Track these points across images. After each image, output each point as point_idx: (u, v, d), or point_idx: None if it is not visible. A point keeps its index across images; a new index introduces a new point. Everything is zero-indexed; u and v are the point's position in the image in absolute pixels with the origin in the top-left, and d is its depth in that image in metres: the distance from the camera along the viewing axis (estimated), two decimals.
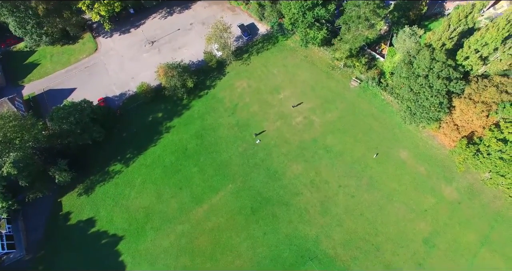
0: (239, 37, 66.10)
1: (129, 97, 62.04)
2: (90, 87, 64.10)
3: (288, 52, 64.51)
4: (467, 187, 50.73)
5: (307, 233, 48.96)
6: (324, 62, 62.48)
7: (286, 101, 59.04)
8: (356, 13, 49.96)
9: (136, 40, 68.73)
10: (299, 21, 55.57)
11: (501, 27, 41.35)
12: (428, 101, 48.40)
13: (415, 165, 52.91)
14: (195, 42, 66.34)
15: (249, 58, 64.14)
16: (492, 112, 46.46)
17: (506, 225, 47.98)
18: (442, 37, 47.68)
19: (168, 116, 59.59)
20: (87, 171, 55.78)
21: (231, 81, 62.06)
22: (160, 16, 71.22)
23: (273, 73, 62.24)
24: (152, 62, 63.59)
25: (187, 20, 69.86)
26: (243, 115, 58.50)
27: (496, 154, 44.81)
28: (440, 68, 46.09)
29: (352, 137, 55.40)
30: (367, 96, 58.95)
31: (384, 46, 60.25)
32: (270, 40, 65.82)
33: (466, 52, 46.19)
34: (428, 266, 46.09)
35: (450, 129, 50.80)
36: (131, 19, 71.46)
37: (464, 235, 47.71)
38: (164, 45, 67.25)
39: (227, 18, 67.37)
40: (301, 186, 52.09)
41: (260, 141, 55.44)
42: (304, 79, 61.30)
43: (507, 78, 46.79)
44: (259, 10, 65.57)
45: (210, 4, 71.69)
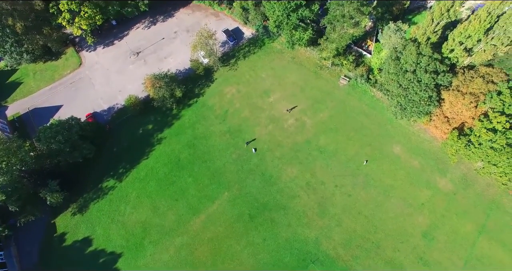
0: (224, 42, 65.63)
1: (118, 111, 61.03)
2: (77, 103, 62.85)
3: (275, 54, 64.28)
4: (461, 177, 51.19)
5: (307, 235, 48.74)
6: (312, 62, 62.42)
7: (276, 105, 58.73)
8: (340, 12, 49.98)
9: (120, 52, 67.66)
10: (284, 23, 55.35)
11: (482, 20, 41.77)
12: (418, 95, 48.65)
13: (409, 159, 53.16)
14: (180, 51, 65.60)
15: (236, 63, 63.73)
16: (480, 103, 47.08)
17: (501, 212, 48.60)
18: (427, 31, 48.04)
19: (159, 128, 58.80)
20: (79, 189, 54.63)
21: (220, 87, 61.57)
22: (143, 26, 70.37)
23: (261, 77, 61.93)
24: (139, 74, 62.73)
25: (171, 28, 69.11)
26: (234, 121, 58.02)
27: (487, 144, 45.24)
28: (427, 62, 46.47)
29: (345, 136, 55.42)
30: (356, 93, 59.04)
31: (370, 42, 60.41)
32: (256, 43, 65.52)
33: (451, 45, 46.72)
34: (429, 259, 46.40)
35: (440, 122, 51.25)
36: (114, 31, 70.36)
37: (461, 225, 48.13)
38: (150, 56, 66.37)
39: (211, 24, 67.03)
40: (297, 189, 51.86)
41: (255, 150, 54.98)
42: (293, 81, 61.12)
43: (492, 68, 47.43)
44: (243, 14, 65.21)
45: (194, 11, 71.11)
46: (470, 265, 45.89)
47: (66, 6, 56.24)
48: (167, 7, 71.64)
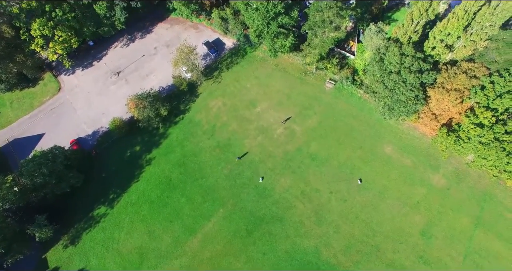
0: (206, 54, 64.60)
1: (103, 134, 59.62)
2: (59, 130, 61.18)
3: (258, 63, 63.53)
4: (453, 172, 51.39)
5: (306, 245, 48.24)
6: (296, 68, 61.84)
7: (264, 115, 58.04)
8: (320, 18, 49.62)
9: (100, 73, 66.08)
10: (265, 32, 54.66)
11: (460, 18, 41.97)
12: (404, 95, 48.57)
13: (400, 158, 53.09)
14: (162, 67, 64.31)
15: (220, 75, 62.80)
16: (465, 98, 47.32)
17: (494, 203, 48.82)
18: (408, 31, 48.15)
19: (147, 149, 57.63)
20: (70, 220, 53.13)
21: (205, 102, 60.55)
22: (121, 44, 68.80)
23: (246, 88, 61.12)
24: (121, 94, 61.56)
25: (150, 44, 67.69)
26: (223, 135, 57.10)
27: (475, 139, 45.43)
28: (410, 62, 46.60)
29: (335, 140, 55.05)
30: (343, 96, 58.71)
31: (352, 43, 60.05)
32: (238, 53, 64.66)
33: (432, 43, 47.00)
34: (429, 257, 46.43)
35: (429, 119, 51.33)
36: (92, 51, 68.65)
37: (457, 220, 48.28)
38: (131, 75, 65.00)
39: (191, 36, 66.19)
40: (292, 199, 51.30)
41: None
42: (278, 89, 60.47)
43: (473, 63, 47.74)
44: (223, 24, 64.31)
45: (172, 25, 69.78)
46: (469, 259, 45.97)
47: (39, 32, 54.68)
48: (144, 22, 70.33)
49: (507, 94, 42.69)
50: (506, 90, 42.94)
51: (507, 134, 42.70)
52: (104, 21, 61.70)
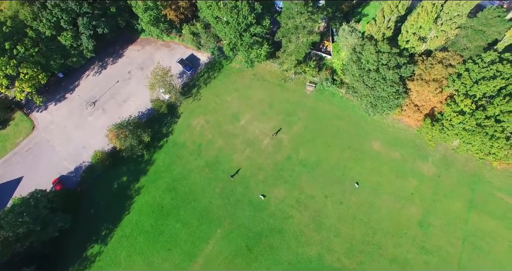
0: (182, 73, 63.15)
1: (86, 169, 57.43)
2: (39, 171, 58.49)
3: (236, 75, 62.56)
4: (441, 159, 51.99)
5: (309, 253, 47.70)
6: (274, 75, 61.10)
7: (248, 127, 57.11)
8: (292, 24, 49.19)
9: (75, 106, 63.72)
10: (238, 44, 53.81)
11: (429, 11, 42.51)
12: (385, 91, 48.71)
13: (389, 153, 53.29)
14: (139, 91, 62.44)
15: (198, 93, 61.48)
16: (444, 87, 48.02)
17: (484, 184, 49.72)
18: (381, 28, 48.49)
19: (134, 178, 55.78)
20: (63, 265, 50.69)
21: (187, 121, 59.08)
22: (93, 72, 66.54)
23: (227, 101, 60.09)
24: (100, 125, 59.57)
25: (123, 69, 65.73)
26: (210, 154, 55.87)
27: (458, 126, 45.98)
28: (387, 59, 46.94)
29: (323, 143, 54.74)
30: (325, 98, 58.46)
31: (327, 43, 59.76)
32: (214, 67, 63.50)
33: (406, 37, 47.51)
34: (430, 246, 46.85)
35: (412, 111, 51.76)
36: (63, 84, 66.04)
37: (451, 205, 48.91)
38: (107, 103, 62.92)
39: (164, 56, 64.76)
40: (288, 209, 50.68)
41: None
42: (259, 99, 59.65)
43: (447, 52, 48.43)
44: (195, 40, 62.97)
45: (143, 46, 68.05)
46: (468, 243, 46.68)
47: (1, 72, 52.23)
48: (114, 47, 68.35)
49: (483, 81, 43.37)
50: (481, 76, 43.58)
51: (488, 119, 43.47)
52: (71, 51, 59.58)
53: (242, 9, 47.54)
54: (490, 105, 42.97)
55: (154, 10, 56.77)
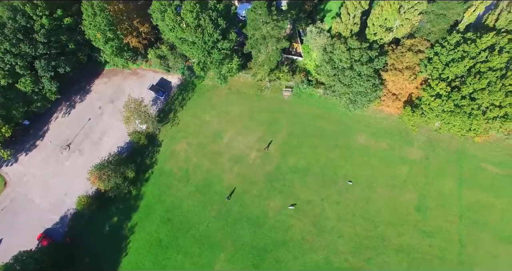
0: (155, 99, 61.30)
1: (73, 217, 54.24)
2: (20, 229, 54.55)
3: (210, 92, 61.31)
4: (426, 141, 52.95)
5: (316, 260, 47.20)
6: (250, 86, 60.28)
7: (233, 143, 56.03)
8: (259, 35, 48.70)
9: (48, 152, 60.37)
10: (208, 62, 52.65)
11: (391, 3, 43.09)
12: (363, 86, 48.94)
13: (376, 144, 53.77)
14: (114, 126, 59.90)
15: (176, 116, 59.76)
16: (418, 73, 48.60)
17: (469, 158, 51.01)
18: (348, 25, 48.81)
19: (125, 216, 53.34)
20: None
21: (170, 148, 57.23)
22: (62, 114, 63.44)
23: (206, 121, 58.70)
24: (79, 168, 56.80)
25: (93, 105, 63.11)
26: (198, 177, 54.29)
27: (437, 109, 46.61)
28: (359, 55, 47.23)
29: (310, 146, 54.42)
30: (304, 100, 58.24)
31: (296, 45, 59.34)
32: (187, 88, 62.05)
33: (373, 30, 47.99)
34: (430, 229, 47.47)
35: (390, 100, 52.21)
36: (31, 131, 62.46)
37: (443, 185, 49.68)
38: (83, 143, 60.10)
39: (134, 85, 62.87)
40: (287, 219, 50.02)
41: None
42: (239, 113, 58.67)
43: (414, 39, 49.05)
44: (162, 63, 61.06)
45: (110, 78, 65.74)
46: (465, 218, 47.52)
47: None
48: (79, 84, 65.52)
49: (453, 63, 44.11)
50: (450, 59, 44.34)
51: (464, 99, 44.19)
52: (34, 97, 56.65)
53: (206, 27, 46.59)
54: (464, 86, 43.83)
55: (115, 40, 54.97)
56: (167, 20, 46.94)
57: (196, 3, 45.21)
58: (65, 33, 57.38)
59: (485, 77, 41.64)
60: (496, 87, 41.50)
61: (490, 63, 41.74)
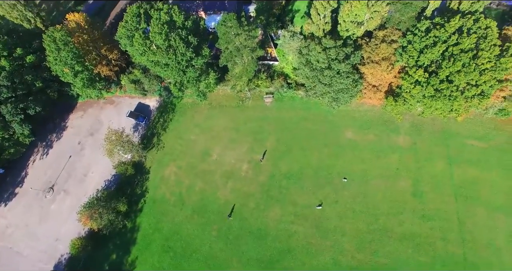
0: (136, 125, 59.39)
1: (67, 262, 51.09)
2: None
3: (191, 110, 60.17)
4: (411, 127, 54.38)
5: (324, 262, 46.98)
6: (230, 98, 59.61)
7: (222, 159, 55.08)
8: (233, 47, 48.20)
9: (30, 199, 56.72)
10: (185, 82, 51.58)
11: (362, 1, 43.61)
12: (343, 84, 49.27)
13: (364, 137, 54.53)
14: (97, 160, 57.29)
15: (160, 140, 58.08)
16: (394, 63, 49.24)
17: (454, 136, 52.68)
18: (320, 25, 49.10)
19: (124, 252, 50.90)
20: None
21: (159, 174, 55.36)
22: (39, 156, 60.14)
23: (192, 140, 57.39)
24: (67, 209, 54.01)
25: (72, 141, 60.14)
26: (193, 199, 52.79)
27: (418, 95, 47.34)
28: (335, 53, 47.48)
29: (300, 149, 54.44)
30: (286, 104, 58.22)
31: (270, 49, 59.31)
32: (167, 109, 60.63)
33: (344, 26, 48.46)
34: (429, 213, 48.39)
35: (372, 93, 52.92)
36: (7, 179, 58.60)
37: (434, 167, 50.83)
38: (67, 183, 56.96)
39: (111, 114, 60.94)
40: (289, 226, 49.61)
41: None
42: (223, 127, 57.78)
43: (386, 29, 49.76)
44: (137, 87, 59.15)
45: (85, 110, 63.10)
46: (459, 196, 48.73)
47: None
48: (53, 121, 62.46)
49: (427, 49, 44.91)
50: (423, 45, 45.12)
51: (442, 83, 44.95)
52: (5, 144, 53.62)
53: (177, 47, 45.58)
54: (440, 70, 44.61)
55: (85, 72, 53.09)
56: (136, 45, 45.70)
57: (164, 24, 44.37)
58: (29, 72, 54.74)
59: (459, 60, 42.60)
60: (470, 68, 42.49)
61: (461, 45, 42.73)
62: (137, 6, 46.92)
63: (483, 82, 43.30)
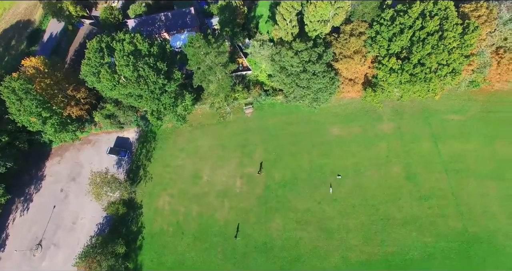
0: (118, 161, 56.84)
1: None
2: None
3: (173, 135, 58.52)
4: (392, 112, 55.60)
5: (334, 262, 46.85)
6: (210, 116, 58.37)
7: (214, 179, 53.91)
8: (205, 67, 47.35)
9: (17, 260, 51.95)
10: (162, 109, 49.96)
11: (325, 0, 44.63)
12: (321, 83, 49.44)
13: (349, 131, 55.14)
14: (84, 204, 53.89)
15: (147, 172, 55.86)
16: (367, 54, 50.08)
17: (434, 113, 54.07)
18: (287, 29, 49.35)
19: None
20: None
21: (152, 207, 53.13)
22: (19, 212, 55.77)
23: (179, 166, 55.72)
24: (60, 263, 50.52)
25: (54, 190, 56.33)
26: (192, 225, 51.13)
27: (395, 82, 48.04)
28: (308, 55, 47.54)
29: (289, 155, 54.25)
30: (267, 112, 57.94)
31: (241, 60, 58.97)
32: (148, 138, 58.59)
33: (312, 26, 48.99)
34: (425, 193, 49.29)
35: (349, 86, 53.68)
36: None
37: (421, 147, 51.99)
38: (56, 235, 53.07)
39: (91, 154, 58.27)
40: (293, 233, 49.04)
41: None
42: (209, 146, 56.54)
43: (352, 23, 50.53)
44: (112, 121, 56.67)
45: (62, 155, 59.43)
46: (450, 171, 50.14)
47: None
48: (29, 173, 58.39)
49: (395, 37, 45.69)
50: (391, 34, 45.88)
51: (415, 67, 45.78)
52: None
53: (148, 76, 44.01)
54: (412, 55, 45.54)
55: (54, 117, 50.16)
56: (104, 81, 43.78)
57: (129, 55, 42.71)
58: None
59: (427, 43, 43.61)
60: (439, 49, 43.58)
61: (426, 28, 43.76)
62: (97, 41, 45.06)
63: (453, 60, 44.50)
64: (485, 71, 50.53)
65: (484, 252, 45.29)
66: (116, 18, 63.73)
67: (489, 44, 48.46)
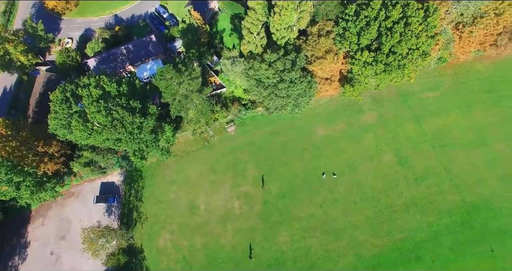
0: (108, 208, 53.68)
1: None
2: None
3: (160, 169, 56.01)
4: (372, 102, 56.48)
5: (348, 262, 46.65)
6: (194, 142, 56.55)
7: (211, 205, 52.40)
8: (180, 96, 45.67)
9: None
10: (143, 147, 47.70)
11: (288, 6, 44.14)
12: (300, 89, 48.97)
13: (335, 129, 55.46)
14: (81, 262, 50.02)
15: (140, 213, 53.03)
16: (338, 51, 50.19)
17: (411, 96, 54.97)
18: (256, 42, 48.72)
19: None
20: None
21: (154, 247, 50.80)
22: None
23: (173, 199, 53.53)
24: None
25: (42, 254, 52.15)
26: (199, 257, 49.61)
27: (371, 74, 47.97)
28: (282, 64, 46.97)
29: (282, 165, 53.76)
30: (250, 126, 56.96)
31: (213, 78, 57.73)
32: (134, 178, 55.84)
33: (279, 34, 48.54)
34: (418, 167, 50.27)
35: (327, 85, 53.78)
36: None
37: (407, 130, 52.72)
38: None
39: (76, 207, 54.65)
40: (302, 242, 48.45)
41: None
42: (199, 173, 54.68)
43: (318, 23, 50.56)
44: (93, 168, 53.65)
45: (44, 215, 55.12)
46: (437, 147, 51.25)
47: None
48: (9, 243, 53.74)
49: (363, 31, 45.73)
50: (359, 28, 45.96)
51: (388, 56, 45.83)
52: None
53: (123, 118, 41.69)
54: (382, 45, 45.74)
55: (28, 179, 46.16)
56: (77, 132, 40.92)
57: (99, 100, 40.16)
58: None
59: (395, 31, 43.89)
60: (407, 35, 44.00)
61: (391, 18, 44.10)
62: (60, 91, 42.04)
63: (422, 43, 45.08)
64: (450, 47, 52.25)
65: (484, 219, 46.90)
66: (74, 59, 59.99)
67: (449, 21, 49.93)
